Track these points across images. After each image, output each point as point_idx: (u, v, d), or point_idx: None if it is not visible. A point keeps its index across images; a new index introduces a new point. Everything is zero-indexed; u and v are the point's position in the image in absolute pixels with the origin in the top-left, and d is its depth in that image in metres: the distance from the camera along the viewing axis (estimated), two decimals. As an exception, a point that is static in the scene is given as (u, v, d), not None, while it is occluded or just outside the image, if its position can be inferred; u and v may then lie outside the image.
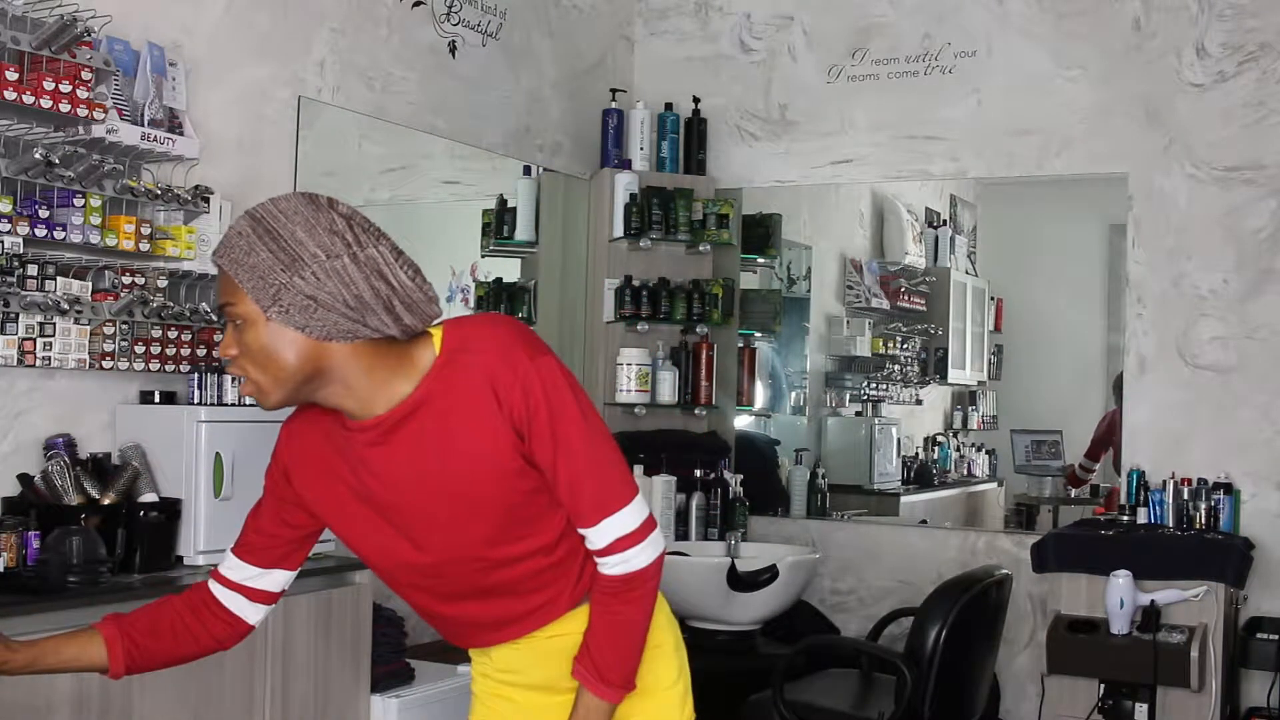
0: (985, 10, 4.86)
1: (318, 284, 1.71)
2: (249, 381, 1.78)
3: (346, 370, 1.77)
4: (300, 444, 1.93)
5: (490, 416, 1.79)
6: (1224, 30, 4.49)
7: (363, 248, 1.74)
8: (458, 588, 1.92)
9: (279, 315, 1.72)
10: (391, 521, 1.88)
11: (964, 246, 5.84)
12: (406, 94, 4.32)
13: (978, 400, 5.78)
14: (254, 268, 1.72)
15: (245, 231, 1.74)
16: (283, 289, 1.71)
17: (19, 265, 2.97)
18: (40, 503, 2.97)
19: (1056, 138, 4.73)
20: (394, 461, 1.83)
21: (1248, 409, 4.44)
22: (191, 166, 3.42)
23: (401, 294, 1.75)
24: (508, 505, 1.84)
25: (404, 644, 3.62)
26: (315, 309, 1.72)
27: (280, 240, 1.72)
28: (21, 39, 2.94)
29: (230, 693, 3.00)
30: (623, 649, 1.90)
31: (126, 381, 3.31)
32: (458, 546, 1.87)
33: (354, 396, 1.80)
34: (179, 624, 1.98)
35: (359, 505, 1.89)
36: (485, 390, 1.79)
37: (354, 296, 1.72)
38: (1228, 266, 4.48)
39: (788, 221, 5.40)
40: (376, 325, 1.75)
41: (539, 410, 1.80)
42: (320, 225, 1.73)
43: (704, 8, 5.33)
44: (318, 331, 1.73)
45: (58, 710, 2.63)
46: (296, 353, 1.74)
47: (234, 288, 1.74)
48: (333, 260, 1.72)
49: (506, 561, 1.88)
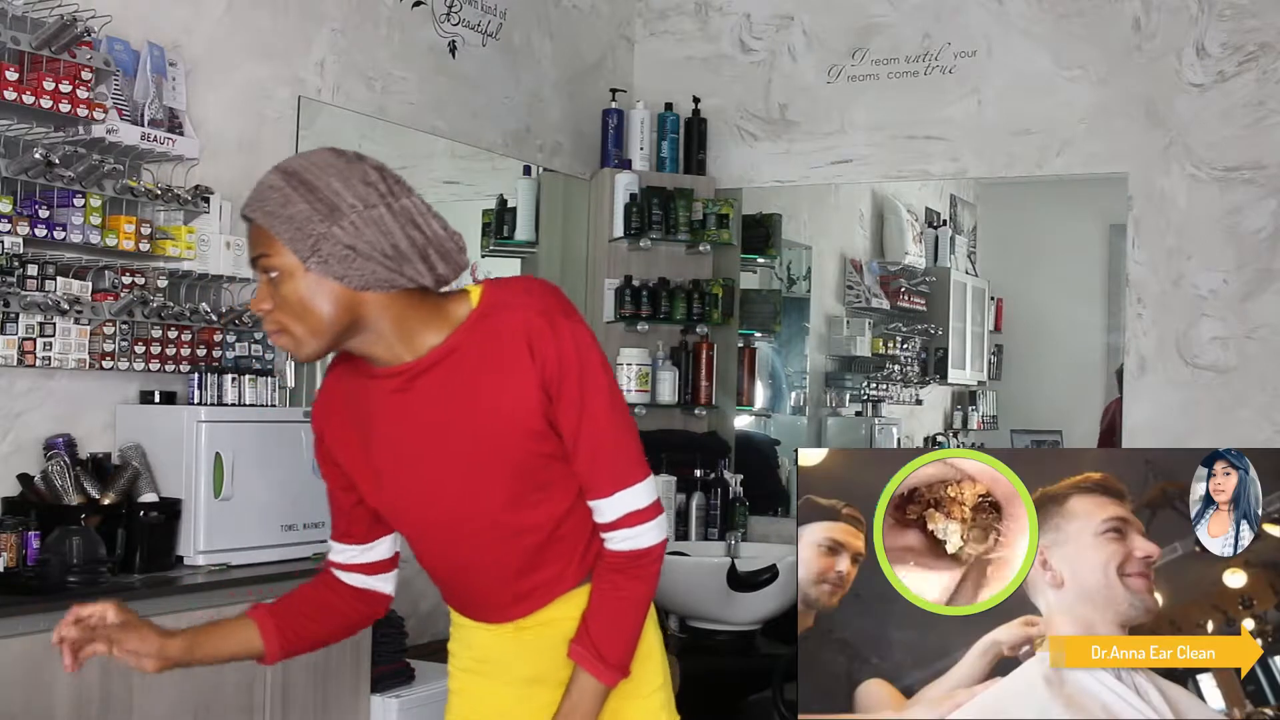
0: (985, 10, 4.86)
1: (356, 233, 1.73)
2: (285, 334, 1.79)
3: (381, 319, 1.79)
4: (329, 407, 1.95)
5: (521, 372, 1.81)
6: (1224, 30, 4.49)
7: (396, 198, 1.76)
8: (468, 554, 1.91)
9: (318, 265, 1.73)
10: (409, 475, 1.88)
11: (964, 246, 5.83)
12: (406, 94, 4.32)
13: (978, 400, 5.78)
14: (291, 219, 1.72)
15: (278, 184, 1.75)
16: (321, 239, 1.72)
17: (19, 265, 2.97)
18: (40, 503, 2.97)
19: (1056, 138, 4.73)
20: (416, 409, 1.85)
21: (1248, 409, 4.44)
22: (191, 166, 3.42)
23: (436, 243, 1.78)
24: (522, 466, 1.84)
25: (404, 644, 3.62)
26: (354, 258, 1.73)
27: (317, 191, 1.73)
28: (21, 39, 2.94)
29: (230, 693, 3.00)
30: (623, 627, 1.90)
31: (126, 381, 3.31)
32: (470, 506, 1.87)
33: (385, 344, 1.82)
34: (323, 603, 2.00)
35: (382, 458, 1.90)
36: (520, 345, 1.81)
37: (391, 246, 1.74)
38: (1228, 266, 4.48)
39: (788, 221, 5.40)
40: (412, 274, 1.77)
41: (570, 372, 1.81)
42: (354, 176, 1.75)
43: (704, 8, 5.33)
44: (356, 281, 1.74)
45: (58, 710, 2.63)
46: (334, 302, 1.75)
47: (269, 240, 1.74)
48: (370, 210, 1.74)
49: (516, 530, 1.88)
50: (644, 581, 1.90)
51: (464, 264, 1.83)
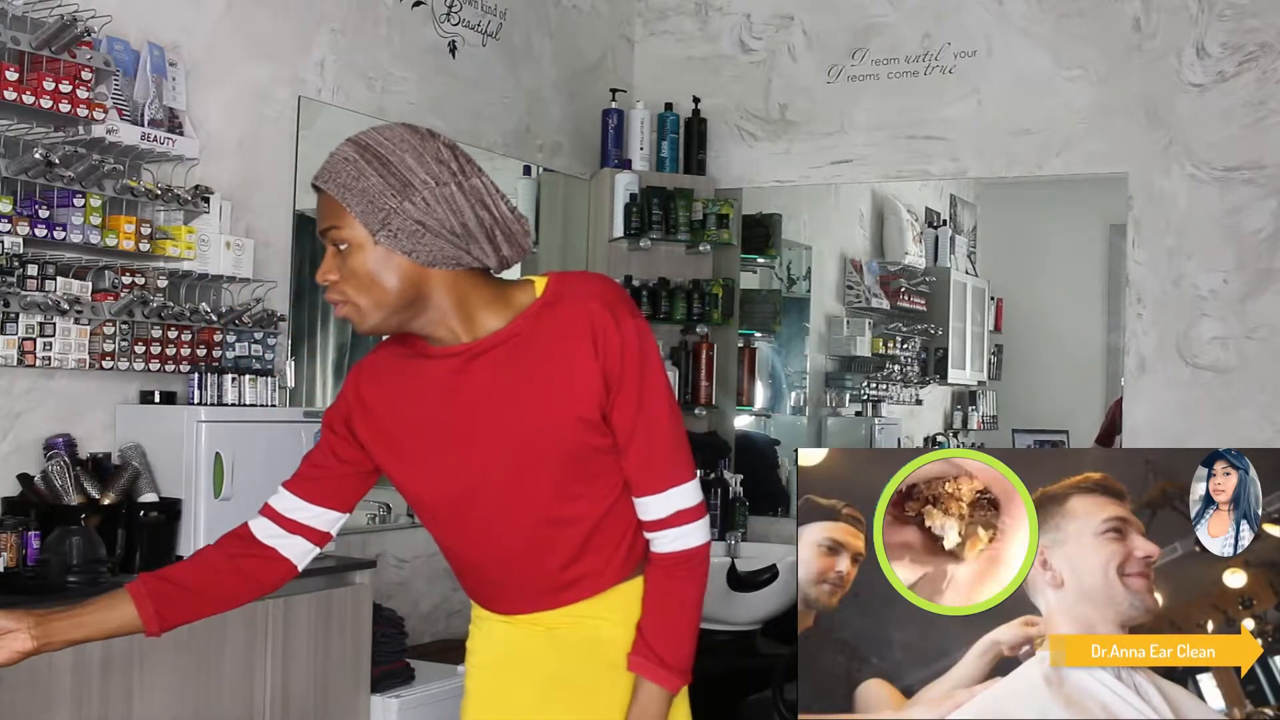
0: (985, 10, 4.86)
1: (427, 209, 1.74)
2: (349, 305, 1.80)
3: (443, 298, 1.80)
4: (373, 378, 1.94)
5: (583, 362, 1.81)
6: (1224, 30, 4.50)
7: (467, 177, 1.78)
8: (508, 542, 1.89)
9: (387, 239, 1.75)
10: (454, 457, 1.87)
11: (964, 246, 5.83)
12: (406, 94, 4.32)
13: (978, 400, 5.78)
14: (364, 192, 1.74)
15: (352, 157, 1.77)
16: (392, 213, 1.74)
17: (19, 265, 2.97)
18: (40, 503, 2.97)
19: (1056, 138, 4.73)
20: (470, 391, 1.85)
21: (1248, 409, 4.44)
22: (191, 166, 3.42)
23: (503, 224, 1.80)
24: (572, 456, 1.84)
25: (404, 644, 3.62)
26: (423, 234, 1.75)
27: (390, 166, 1.75)
28: (21, 39, 2.94)
29: (230, 692, 3.00)
30: (681, 630, 1.90)
31: (126, 381, 3.31)
32: (516, 492, 1.86)
33: (445, 324, 1.83)
34: (212, 571, 1.96)
35: (422, 438, 1.88)
36: (584, 335, 1.82)
37: (460, 224, 1.76)
38: (1228, 266, 4.48)
39: (788, 221, 5.40)
40: (478, 254, 1.79)
41: (632, 367, 1.82)
42: (428, 153, 1.77)
43: (704, 8, 5.33)
44: (423, 257, 1.76)
45: (58, 710, 2.63)
46: (400, 277, 1.77)
47: (340, 212, 1.76)
48: (441, 187, 1.75)
49: (559, 520, 1.87)
50: (695, 583, 1.91)
51: (528, 247, 1.85)
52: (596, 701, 1.92)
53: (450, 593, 4.50)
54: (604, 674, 1.92)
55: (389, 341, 1.95)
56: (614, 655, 1.92)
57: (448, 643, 4.34)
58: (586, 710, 1.92)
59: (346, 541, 3.76)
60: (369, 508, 4.20)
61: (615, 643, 1.92)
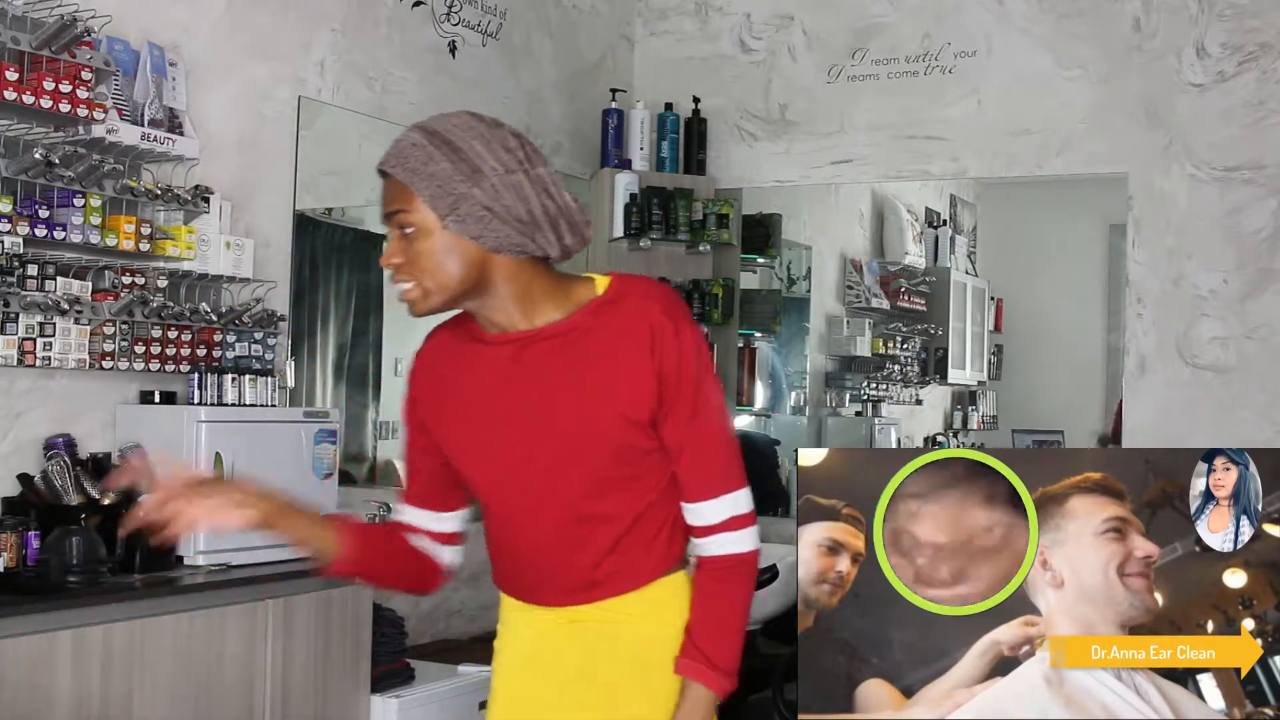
0: (985, 10, 4.86)
1: (495, 196, 1.77)
2: (415, 287, 1.82)
3: (506, 284, 1.83)
4: (428, 366, 1.96)
5: (638, 364, 1.83)
6: (1224, 30, 4.49)
7: (533, 166, 1.80)
8: (546, 531, 1.90)
9: (455, 224, 1.77)
10: (502, 441, 1.88)
11: (964, 246, 5.84)
12: (406, 94, 4.32)
13: (978, 400, 5.78)
14: (433, 176, 1.76)
15: (421, 142, 1.78)
16: (461, 199, 1.76)
17: (19, 265, 2.97)
18: (40, 503, 2.97)
19: (1056, 138, 4.73)
20: (522, 378, 1.86)
21: (1248, 409, 4.44)
22: (191, 166, 3.42)
23: (566, 213, 1.83)
24: (615, 455, 1.85)
25: (404, 644, 3.62)
26: (490, 220, 1.77)
27: (460, 152, 1.77)
28: (21, 39, 2.94)
29: (230, 693, 3.00)
30: (730, 633, 1.91)
31: (126, 381, 3.31)
32: (557, 482, 1.87)
33: (504, 311, 1.85)
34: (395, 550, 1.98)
35: (474, 423, 1.90)
36: (642, 338, 1.83)
37: (526, 212, 1.79)
38: (1228, 266, 4.48)
39: (788, 221, 5.40)
40: (542, 242, 1.81)
41: (688, 374, 1.85)
42: (495, 141, 1.79)
43: (704, 8, 5.33)
44: (490, 242, 1.78)
45: (58, 710, 2.63)
46: (465, 262, 1.79)
47: (408, 196, 1.78)
48: (509, 175, 1.78)
49: (591, 518, 1.88)
50: (744, 587, 1.93)
51: (588, 237, 1.88)
52: (622, 698, 1.92)
53: (450, 593, 4.50)
54: (629, 671, 1.92)
55: (444, 326, 1.97)
56: (640, 652, 1.92)
57: (448, 643, 4.34)
58: (612, 707, 1.93)
59: (346, 541, 3.75)
60: (368, 508, 4.20)
61: (642, 640, 1.92)
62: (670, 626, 1.92)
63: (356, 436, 4.33)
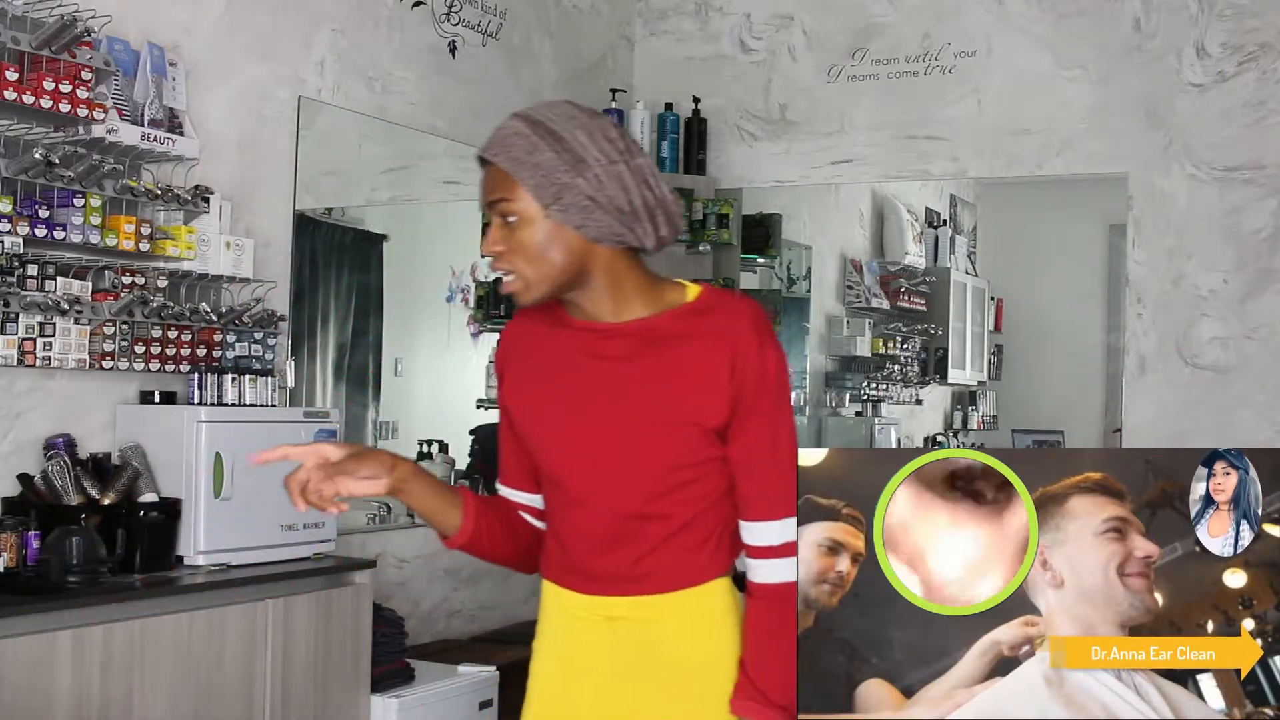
0: (985, 10, 4.86)
1: (599, 186, 1.78)
2: (517, 277, 1.82)
3: (602, 274, 1.84)
4: (512, 349, 1.98)
5: (717, 375, 1.84)
6: (1224, 30, 4.50)
7: (633, 156, 1.81)
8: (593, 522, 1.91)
9: (558, 213, 1.78)
10: (572, 426, 1.89)
11: (964, 246, 5.84)
12: (406, 94, 4.32)
13: (978, 400, 5.78)
14: (538, 166, 1.77)
15: (524, 131, 1.79)
16: (565, 188, 1.77)
17: (19, 265, 2.97)
18: (40, 503, 2.97)
19: (1056, 138, 4.73)
20: (598, 368, 1.87)
21: (1248, 409, 4.44)
22: (191, 166, 3.42)
23: (664, 204, 1.84)
24: (677, 457, 1.86)
25: (404, 644, 3.62)
26: (593, 210, 1.78)
27: (564, 142, 1.78)
28: (21, 39, 2.94)
29: (230, 693, 3.00)
30: (787, 668, 1.89)
31: (126, 381, 3.31)
32: (611, 477, 1.88)
33: (597, 300, 1.86)
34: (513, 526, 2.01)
35: (548, 404, 1.91)
36: (725, 350, 1.84)
37: (627, 202, 1.80)
38: (1228, 266, 4.48)
39: (788, 221, 5.41)
40: (640, 233, 1.82)
41: (766, 394, 1.85)
42: (597, 131, 1.80)
43: (704, 8, 5.33)
44: (592, 232, 1.79)
45: (58, 710, 2.63)
46: (567, 251, 1.80)
47: (511, 185, 1.78)
48: (612, 165, 1.79)
49: (644, 514, 1.89)
50: (794, 618, 1.92)
51: (680, 229, 1.89)
52: (655, 700, 1.92)
53: (450, 593, 4.50)
54: (661, 674, 1.92)
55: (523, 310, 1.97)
56: (672, 656, 1.92)
57: (448, 643, 4.34)
58: (646, 709, 1.92)
59: (347, 541, 3.76)
60: (369, 508, 4.20)
61: (675, 643, 1.92)
62: (707, 633, 1.93)
63: (356, 436, 4.34)
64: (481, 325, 5.00)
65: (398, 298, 4.60)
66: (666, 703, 1.92)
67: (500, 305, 4.94)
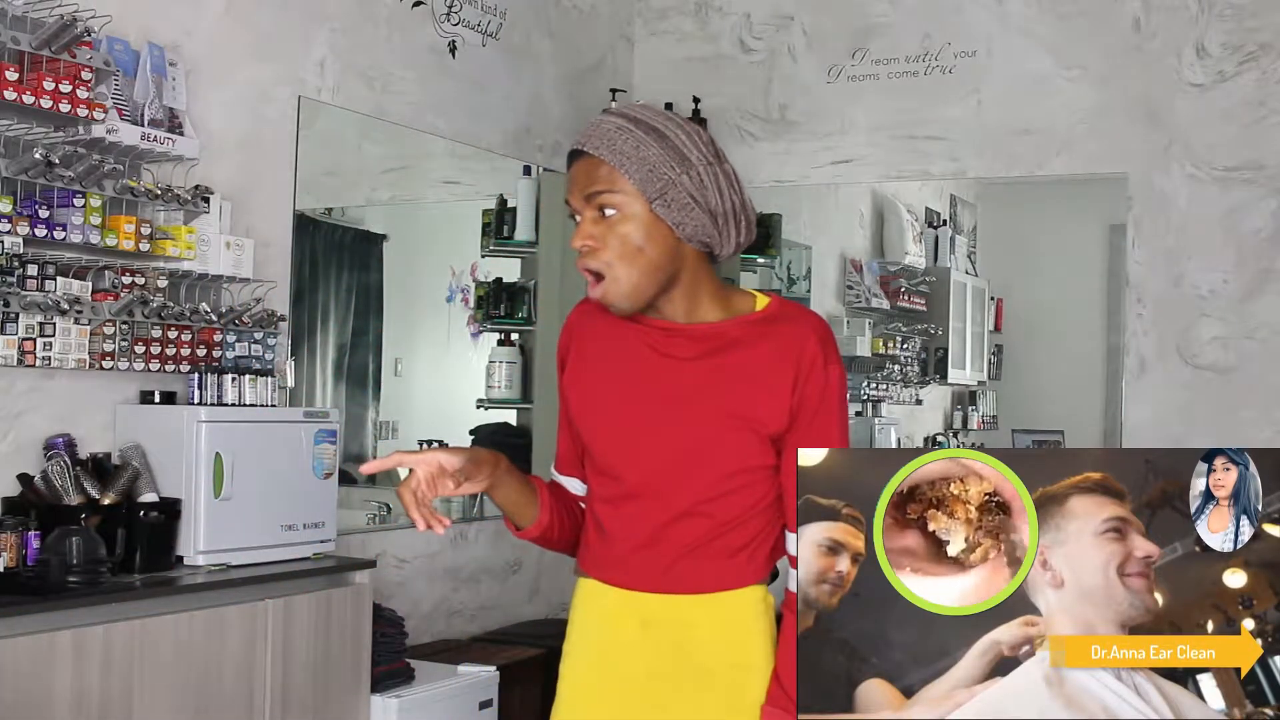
0: (985, 10, 4.86)
1: (700, 185, 1.80)
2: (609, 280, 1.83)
3: (687, 276, 1.86)
4: (575, 331, 1.99)
5: (779, 385, 1.85)
6: (1224, 30, 4.50)
7: (723, 161, 1.84)
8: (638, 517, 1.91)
9: (661, 208, 1.80)
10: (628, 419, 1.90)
11: (964, 246, 5.84)
12: (406, 94, 4.32)
13: (978, 400, 5.78)
14: (644, 160, 1.79)
15: (627, 127, 1.80)
16: (670, 184, 1.79)
17: (19, 265, 2.97)
18: (40, 503, 2.97)
19: (1056, 138, 4.73)
20: (664, 364, 1.88)
21: (1248, 409, 4.44)
22: (191, 166, 3.42)
23: (747, 211, 1.87)
24: (731, 462, 1.87)
25: (404, 644, 3.62)
26: (693, 208, 1.81)
27: (667, 140, 1.80)
28: (21, 39, 2.94)
29: (230, 693, 3.00)
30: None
31: (126, 381, 3.31)
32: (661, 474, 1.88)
33: (673, 300, 1.88)
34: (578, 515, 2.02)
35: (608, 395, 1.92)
36: (790, 361, 1.86)
37: (720, 205, 1.83)
38: (1228, 266, 4.48)
39: (788, 221, 5.41)
40: (724, 237, 1.85)
41: (824, 410, 1.87)
42: (694, 133, 1.83)
43: (704, 8, 5.33)
44: (687, 230, 1.82)
45: (58, 710, 2.63)
46: (663, 248, 1.82)
47: (614, 178, 1.80)
48: (711, 167, 1.82)
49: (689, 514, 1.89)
50: None
51: (754, 235, 1.91)
52: (687, 705, 1.92)
53: (450, 593, 4.50)
54: (692, 675, 1.92)
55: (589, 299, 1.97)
56: (703, 658, 1.92)
57: (448, 643, 4.34)
58: (677, 708, 1.92)
59: (346, 541, 3.76)
60: (369, 508, 4.21)
61: (708, 648, 1.92)
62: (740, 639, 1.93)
63: (356, 436, 4.34)
64: (481, 325, 5.00)
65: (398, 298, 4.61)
66: (698, 708, 1.92)
67: (501, 306, 4.94)
